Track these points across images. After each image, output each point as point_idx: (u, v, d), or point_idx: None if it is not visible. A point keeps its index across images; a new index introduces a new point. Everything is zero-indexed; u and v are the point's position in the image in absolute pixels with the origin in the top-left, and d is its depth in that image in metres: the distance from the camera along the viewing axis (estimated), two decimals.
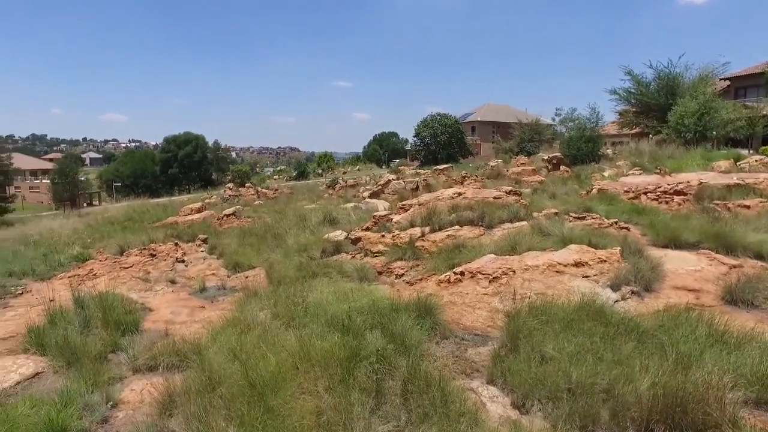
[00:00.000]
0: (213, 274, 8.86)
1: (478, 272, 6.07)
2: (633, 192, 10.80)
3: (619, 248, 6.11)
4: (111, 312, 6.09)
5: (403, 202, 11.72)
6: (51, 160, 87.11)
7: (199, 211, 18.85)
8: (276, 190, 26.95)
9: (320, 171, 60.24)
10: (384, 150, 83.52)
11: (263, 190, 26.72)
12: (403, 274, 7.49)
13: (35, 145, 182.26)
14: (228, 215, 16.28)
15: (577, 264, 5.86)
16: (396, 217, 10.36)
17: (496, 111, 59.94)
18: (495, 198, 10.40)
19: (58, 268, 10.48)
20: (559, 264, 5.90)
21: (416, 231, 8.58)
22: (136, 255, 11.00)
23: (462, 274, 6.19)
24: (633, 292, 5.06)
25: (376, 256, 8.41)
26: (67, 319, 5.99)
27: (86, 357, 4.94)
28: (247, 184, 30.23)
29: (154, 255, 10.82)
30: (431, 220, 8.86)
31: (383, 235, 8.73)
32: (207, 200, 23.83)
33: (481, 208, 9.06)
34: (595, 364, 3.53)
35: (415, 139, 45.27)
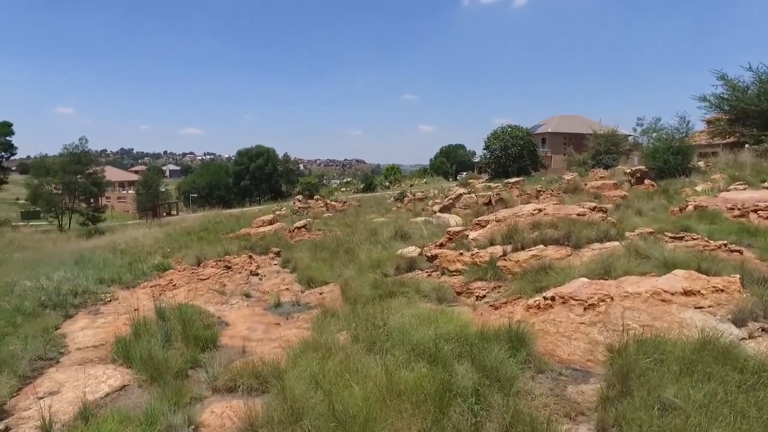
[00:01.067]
0: (287, 288, 8.86)
1: (571, 298, 5.57)
2: (739, 209, 9.71)
3: (737, 276, 5.38)
4: (190, 326, 6.18)
5: (479, 218, 11.27)
6: (136, 172, 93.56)
7: (271, 223, 19.27)
8: (344, 202, 27.16)
9: (387, 183, 60.46)
10: (451, 162, 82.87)
11: (332, 202, 27.02)
12: (484, 296, 7.09)
13: (123, 158, 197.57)
14: (299, 228, 16.49)
15: (686, 293, 5.21)
16: (472, 234, 9.96)
17: (568, 122, 57.78)
18: (579, 215, 9.74)
19: (142, 277, 10.94)
20: (665, 292, 5.27)
21: (497, 249, 8.13)
22: (212, 266, 11.29)
23: (552, 299, 5.71)
24: (764, 330, 4.38)
25: (453, 275, 8.06)
26: (150, 332, 6.13)
27: (168, 372, 4.97)
28: (315, 197, 30.78)
29: (230, 267, 11.05)
30: (513, 238, 8.39)
31: (461, 253, 8.35)
32: (277, 212, 24.40)
33: (567, 226, 8.49)
34: (737, 420, 2.99)
35: (485, 151, 44.38)
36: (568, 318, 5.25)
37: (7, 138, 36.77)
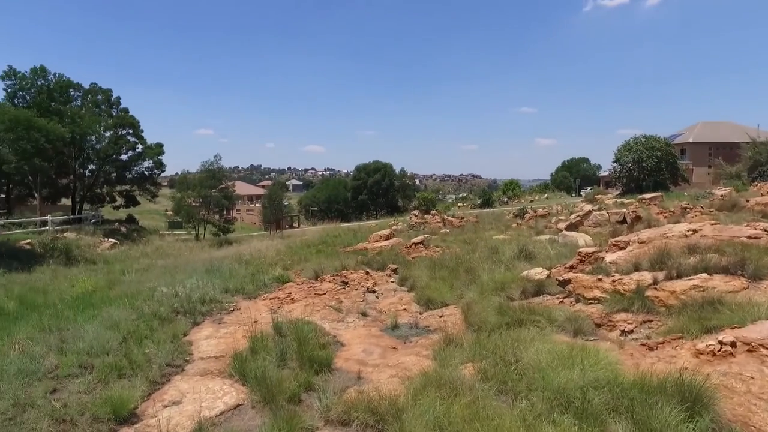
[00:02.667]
0: (404, 309, 8.41)
1: (761, 345, 4.40)
2: None
3: None
4: (305, 345, 6.02)
5: (617, 239, 9.96)
6: (263, 186, 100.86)
7: (388, 238, 19.09)
8: (462, 218, 26.32)
9: (506, 199, 58.30)
10: (574, 177, 78.11)
11: (449, 218, 26.34)
12: (631, 331, 6.01)
13: (252, 174, 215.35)
14: (416, 244, 16.06)
15: None
16: (609, 257, 8.75)
17: (713, 129, 51.26)
18: (750, 238, 8.08)
19: (262, 288, 11.22)
20: None
21: (644, 276, 6.95)
22: (329, 281, 11.25)
23: (732, 344, 4.57)
24: None
25: (590, 303, 7.03)
26: (266, 348, 6.07)
27: (281, 395, 4.77)
28: (432, 212, 30.31)
29: (346, 283, 10.92)
30: (664, 263, 7.14)
31: (599, 279, 7.28)
32: (394, 227, 24.29)
33: (737, 252, 7.03)
34: None
35: (615, 164, 40.72)
36: (763, 374, 4.10)
37: (159, 157, 41.44)
